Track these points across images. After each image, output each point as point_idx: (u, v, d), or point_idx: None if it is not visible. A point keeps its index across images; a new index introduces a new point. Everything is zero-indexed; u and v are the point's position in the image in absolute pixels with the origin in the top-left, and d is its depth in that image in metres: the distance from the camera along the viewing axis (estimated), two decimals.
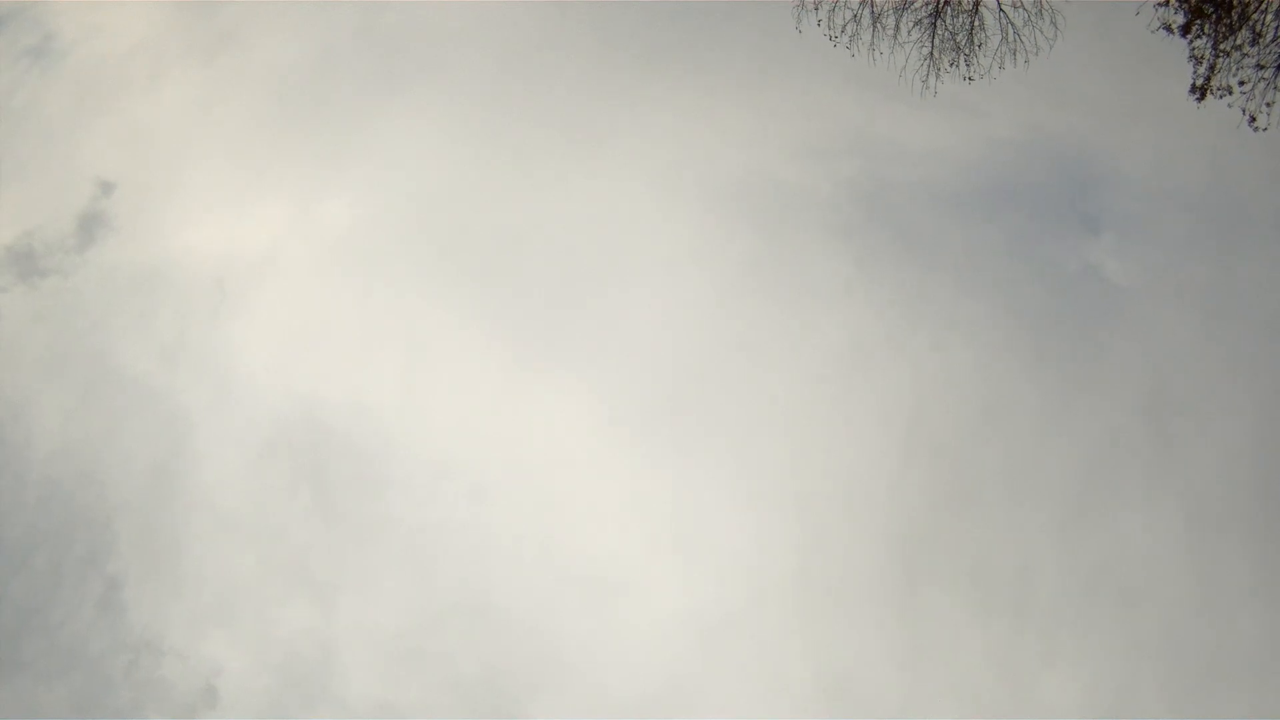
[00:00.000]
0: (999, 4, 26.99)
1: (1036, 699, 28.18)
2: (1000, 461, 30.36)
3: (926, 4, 27.64)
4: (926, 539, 30.00)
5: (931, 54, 28.00)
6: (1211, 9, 25.44)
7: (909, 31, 27.99)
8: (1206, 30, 26.03)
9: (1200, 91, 26.23)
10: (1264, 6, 24.78)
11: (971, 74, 27.78)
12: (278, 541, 32.17)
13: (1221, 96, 26.06)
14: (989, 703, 28.29)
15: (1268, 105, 25.59)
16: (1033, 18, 27.12)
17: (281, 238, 35.12)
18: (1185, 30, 26.12)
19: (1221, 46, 25.86)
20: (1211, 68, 26.04)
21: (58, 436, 32.73)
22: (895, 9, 27.57)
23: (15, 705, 30.30)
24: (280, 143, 36.20)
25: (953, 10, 27.63)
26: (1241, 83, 25.77)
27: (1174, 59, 26.11)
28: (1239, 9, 25.09)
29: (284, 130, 36.25)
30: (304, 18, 36.87)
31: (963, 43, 27.80)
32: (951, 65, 27.97)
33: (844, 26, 28.00)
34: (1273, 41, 25.25)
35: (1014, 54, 27.51)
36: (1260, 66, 25.52)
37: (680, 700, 29.62)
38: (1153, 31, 26.54)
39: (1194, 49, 26.26)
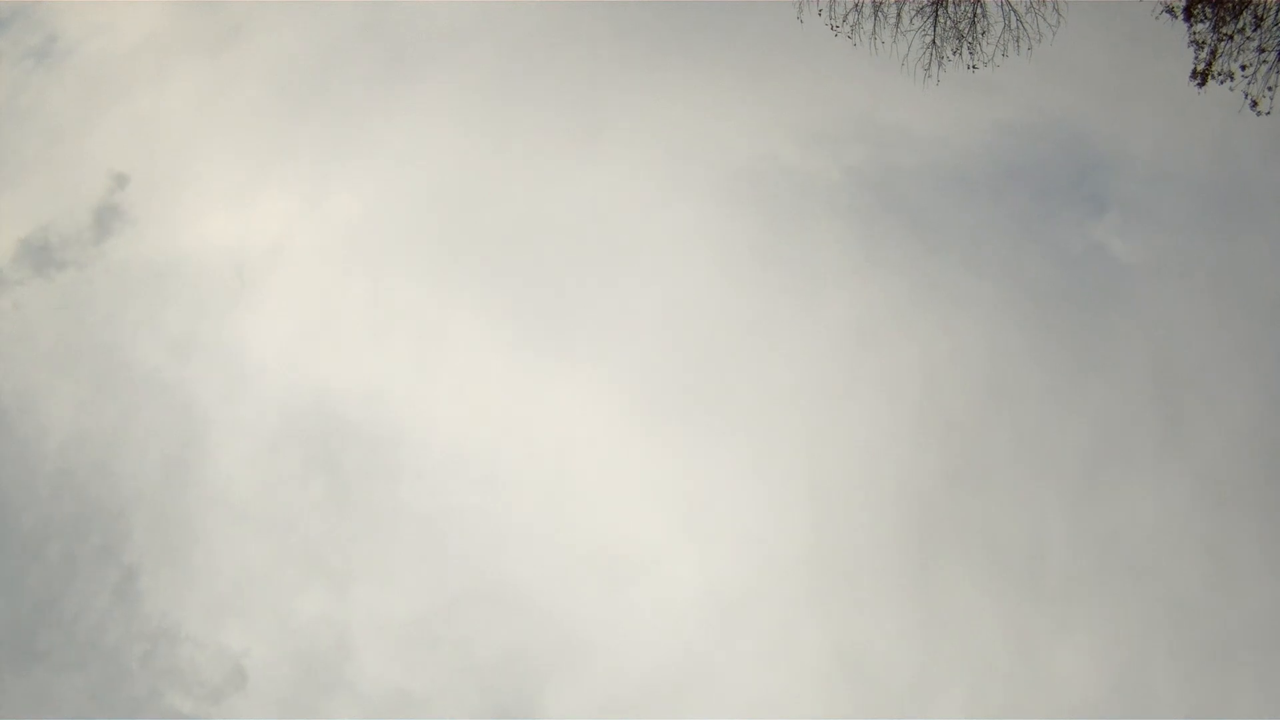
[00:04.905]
0: None
1: (1049, 672, 28.40)
2: (1010, 439, 30.56)
3: None
4: (938, 516, 30.18)
5: (934, 42, 28.14)
6: None
7: (911, 20, 28.20)
8: (1208, 14, 26.27)
9: (1201, 77, 26.43)
10: None
11: (975, 62, 27.93)
12: (291, 530, 32.16)
13: (1223, 81, 26.28)
14: (1002, 676, 28.51)
15: (1270, 89, 25.86)
16: (1035, 4, 27.29)
17: (291, 229, 35.13)
18: (1187, 14, 26.38)
19: (1223, 31, 26.07)
20: (1213, 52, 26.24)
21: (72, 427, 32.65)
22: None
23: (32, 696, 30.29)
24: (288, 136, 36.23)
25: None
26: (1244, 66, 25.98)
27: (1178, 42, 26.43)
28: None
29: (292, 123, 36.28)
30: (309, 12, 37.04)
31: (965, 31, 27.93)
32: (954, 54, 28.14)
33: (845, 16, 28.25)
34: (1274, 25, 25.48)
35: (1017, 41, 27.71)
36: (1262, 50, 25.76)
37: (697, 679, 29.73)
38: (1156, 17, 26.82)
39: (1195, 34, 26.44)
